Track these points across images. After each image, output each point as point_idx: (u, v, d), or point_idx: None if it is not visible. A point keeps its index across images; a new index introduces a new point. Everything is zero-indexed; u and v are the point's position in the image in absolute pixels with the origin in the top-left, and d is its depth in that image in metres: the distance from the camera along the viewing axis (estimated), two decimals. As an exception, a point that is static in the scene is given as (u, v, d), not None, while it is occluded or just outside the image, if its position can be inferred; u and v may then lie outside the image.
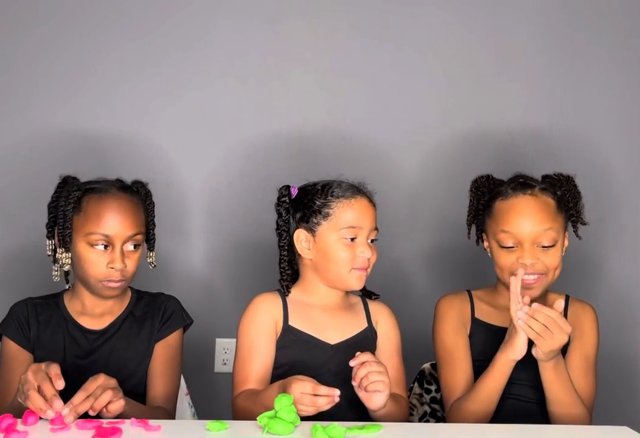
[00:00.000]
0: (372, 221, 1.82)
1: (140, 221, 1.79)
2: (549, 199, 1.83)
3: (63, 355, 1.78)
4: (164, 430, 1.47)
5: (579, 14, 2.57)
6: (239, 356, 1.79)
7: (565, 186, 1.89)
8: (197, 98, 2.52)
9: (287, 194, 1.87)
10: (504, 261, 1.82)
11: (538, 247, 1.79)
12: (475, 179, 1.95)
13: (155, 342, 1.83)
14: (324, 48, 2.54)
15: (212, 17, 2.52)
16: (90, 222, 1.73)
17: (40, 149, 2.49)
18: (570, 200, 1.88)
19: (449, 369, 1.85)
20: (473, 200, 1.93)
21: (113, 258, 1.72)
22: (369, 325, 1.86)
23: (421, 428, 1.65)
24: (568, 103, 2.58)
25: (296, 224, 1.84)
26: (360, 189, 1.85)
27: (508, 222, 1.81)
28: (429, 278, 2.56)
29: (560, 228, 1.83)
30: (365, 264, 1.79)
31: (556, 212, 1.83)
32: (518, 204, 1.82)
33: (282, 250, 1.86)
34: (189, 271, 2.54)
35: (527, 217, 1.80)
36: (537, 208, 1.81)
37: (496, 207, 1.85)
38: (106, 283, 1.74)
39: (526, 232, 1.78)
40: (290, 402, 1.47)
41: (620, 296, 2.56)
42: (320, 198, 1.82)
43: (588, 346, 1.84)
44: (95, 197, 1.76)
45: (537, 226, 1.79)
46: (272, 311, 1.81)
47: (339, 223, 1.79)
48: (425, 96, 2.56)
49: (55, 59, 2.49)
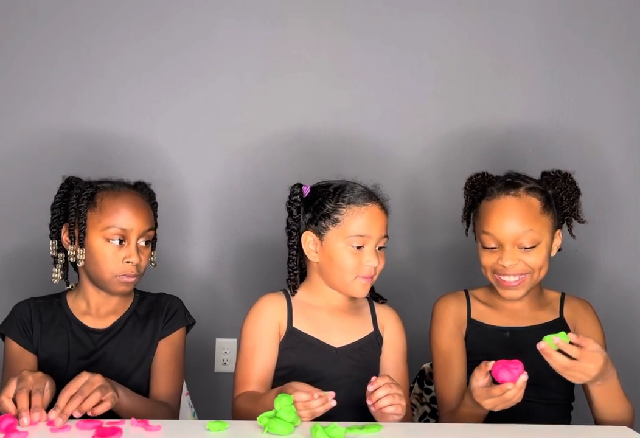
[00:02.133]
0: (381, 230, 1.78)
1: (152, 218, 1.83)
2: (534, 199, 1.80)
3: (67, 355, 1.79)
4: (164, 430, 1.48)
5: (579, 13, 2.57)
6: (241, 357, 1.78)
7: (560, 183, 1.87)
8: (197, 98, 2.52)
9: (299, 192, 1.83)
10: (485, 261, 1.82)
11: (519, 248, 1.78)
12: (471, 176, 1.94)
13: (159, 340, 1.84)
14: (324, 48, 2.54)
15: (212, 17, 2.52)
16: (106, 217, 1.76)
17: (41, 150, 2.49)
18: (564, 198, 1.86)
19: (444, 377, 1.84)
20: (467, 198, 1.93)
21: (130, 253, 1.75)
22: (375, 330, 1.84)
23: (421, 428, 1.65)
24: (568, 102, 2.57)
25: (305, 225, 1.82)
26: (374, 194, 1.81)
27: (489, 223, 1.80)
28: (428, 277, 2.56)
29: (544, 229, 1.80)
30: (371, 273, 1.77)
31: (540, 212, 1.80)
32: (499, 205, 1.81)
33: (291, 250, 1.83)
34: (189, 271, 2.54)
35: (507, 218, 1.78)
36: (519, 209, 1.79)
37: (481, 207, 1.85)
38: (121, 278, 1.76)
39: (506, 234, 1.78)
40: (290, 402, 1.47)
41: (619, 295, 2.56)
42: (331, 202, 1.78)
43: (595, 339, 1.79)
44: (110, 193, 1.79)
45: (517, 227, 1.77)
46: (276, 313, 1.79)
47: (347, 231, 1.76)
48: (426, 96, 2.56)
49: (56, 59, 2.49)
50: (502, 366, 1.54)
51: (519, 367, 1.54)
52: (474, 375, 1.59)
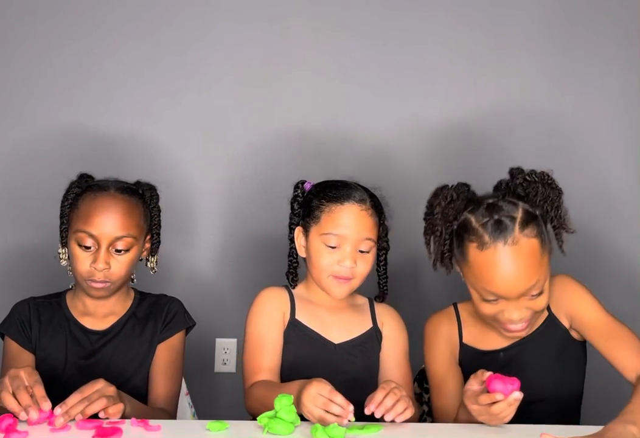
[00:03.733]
0: (360, 231, 1.74)
1: (133, 224, 1.75)
2: (532, 240, 1.58)
3: (65, 356, 1.78)
4: (164, 430, 1.48)
5: (579, 14, 2.57)
6: (249, 347, 1.77)
7: (541, 191, 1.64)
8: (198, 98, 2.52)
9: (301, 188, 1.85)
10: (486, 311, 1.64)
11: (526, 297, 1.60)
12: (438, 197, 1.68)
13: (158, 343, 1.82)
14: (324, 49, 2.55)
15: (213, 18, 2.52)
16: (79, 220, 1.73)
17: (41, 149, 2.49)
18: (549, 209, 1.64)
19: (440, 398, 1.77)
20: (438, 227, 1.65)
21: (96, 258, 1.70)
22: (374, 325, 1.85)
23: (421, 428, 1.65)
24: (568, 102, 2.58)
25: (299, 221, 1.83)
26: (358, 194, 1.77)
27: (490, 281, 1.58)
28: (428, 277, 2.56)
29: (547, 268, 1.62)
30: (347, 275, 1.74)
31: (541, 254, 1.59)
32: (499, 260, 1.56)
33: (291, 243, 1.85)
34: (189, 271, 2.54)
35: (510, 276, 1.57)
36: (521, 261, 1.57)
37: (471, 254, 1.60)
38: (90, 282, 1.73)
39: (512, 292, 1.58)
40: (290, 402, 1.47)
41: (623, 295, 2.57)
42: (316, 199, 1.79)
43: (593, 312, 1.71)
44: (89, 195, 1.75)
45: (524, 283, 1.58)
46: (280, 302, 1.80)
47: (322, 229, 1.75)
48: (425, 96, 2.56)
49: (56, 58, 2.49)
50: (497, 378, 1.48)
51: (515, 384, 1.46)
52: (469, 380, 1.53)
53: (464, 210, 1.65)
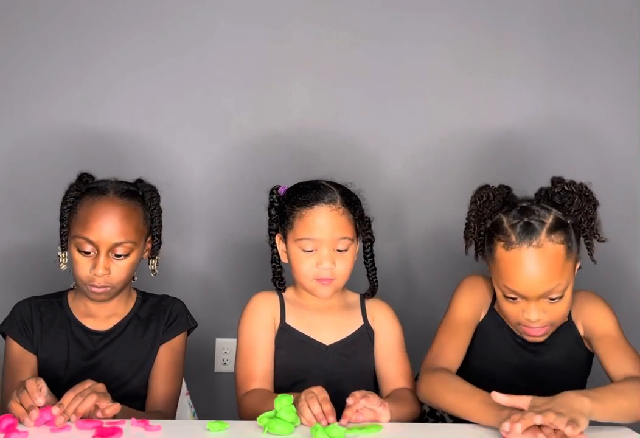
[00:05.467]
0: (333, 232, 1.73)
1: (132, 228, 1.74)
2: (558, 246, 1.63)
3: (66, 357, 1.78)
4: (164, 430, 1.48)
5: (579, 13, 2.57)
6: (241, 354, 1.78)
7: (577, 202, 1.69)
8: (197, 98, 2.52)
9: (276, 193, 1.86)
10: (508, 310, 1.72)
11: (545, 299, 1.66)
12: (476, 196, 1.76)
13: (160, 344, 1.82)
14: (323, 49, 2.54)
15: (213, 16, 2.52)
16: (78, 225, 1.72)
17: (41, 149, 2.49)
18: (583, 220, 1.70)
19: (448, 336, 1.78)
20: (472, 224, 1.75)
21: (95, 264, 1.70)
22: (365, 323, 1.85)
23: (421, 428, 1.65)
24: (568, 102, 2.58)
25: (277, 227, 1.84)
26: (327, 196, 1.76)
27: (512, 279, 1.65)
28: (426, 277, 2.56)
29: (570, 274, 1.67)
30: (329, 276, 1.75)
31: (565, 259, 1.64)
32: (521, 259, 1.63)
33: (273, 249, 1.87)
34: (189, 271, 2.54)
35: (532, 276, 1.63)
36: (543, 263, 1.63)
37: (498, 252, 1.67)
38: (90, 287, 1.73)
39: (532, 292, 1.64)
40: (290, 402, 1.47)
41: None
42: (287, 205, 1.80)
43: (607, 325, 1.76)
44: (88, 200, 1.74)
45: (545, 285, 1.63)
46: (270, 308, 1.81)
47: (296, 235, 1.76)
48: (425, 97, 2.56)
49: (54, 57, 2.49)
50: None
51: None
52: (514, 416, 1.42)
53: (499, 211, 1.72)
